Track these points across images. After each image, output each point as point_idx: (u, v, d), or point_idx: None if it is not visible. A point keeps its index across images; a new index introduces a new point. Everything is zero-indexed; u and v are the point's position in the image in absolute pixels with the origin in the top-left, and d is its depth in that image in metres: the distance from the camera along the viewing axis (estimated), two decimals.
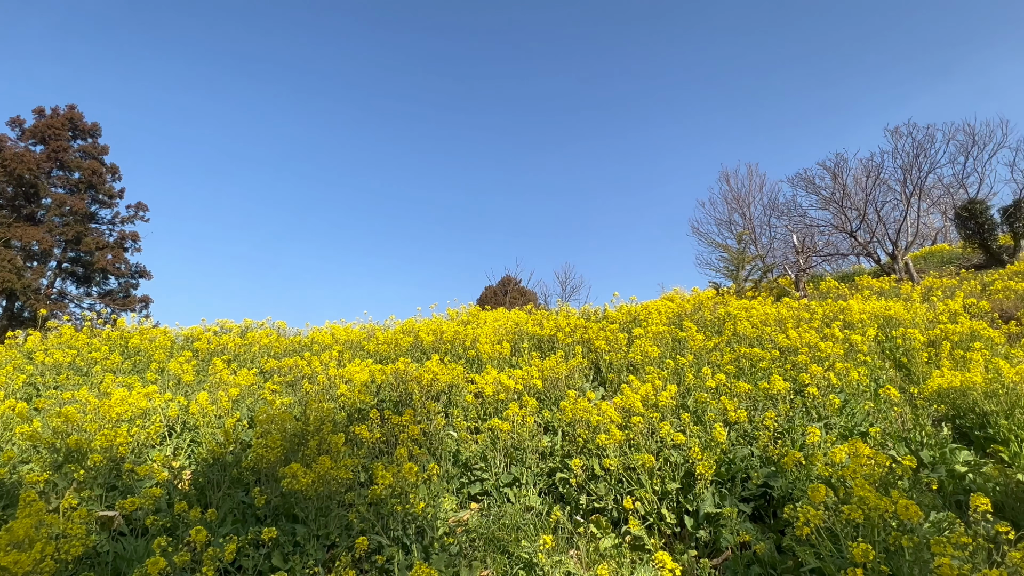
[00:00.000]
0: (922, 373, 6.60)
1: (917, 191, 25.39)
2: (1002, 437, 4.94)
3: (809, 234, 26.54)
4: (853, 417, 5.29)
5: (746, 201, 31.24)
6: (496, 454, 5.06)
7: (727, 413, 4.95)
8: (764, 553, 3.61)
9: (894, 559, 2.96)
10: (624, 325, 8.71)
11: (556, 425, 5.57)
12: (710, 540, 3.95)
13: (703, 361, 6.81)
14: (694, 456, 4.22)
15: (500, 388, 6.01)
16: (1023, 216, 21.76)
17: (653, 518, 4.16)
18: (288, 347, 8.77)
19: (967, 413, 5.38)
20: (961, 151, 25.38)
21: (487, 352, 7.44)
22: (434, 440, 5.44)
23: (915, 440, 4.89)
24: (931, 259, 26.65)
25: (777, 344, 7.14)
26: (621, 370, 6.87)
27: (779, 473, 4.27)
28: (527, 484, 4.81)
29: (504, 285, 36.56)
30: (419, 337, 8.26)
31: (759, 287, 16.44)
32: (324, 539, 3.90)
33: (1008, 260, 20.85)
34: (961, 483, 4.42)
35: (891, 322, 8.35)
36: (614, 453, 4.52)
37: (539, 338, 8.42)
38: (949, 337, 7.13)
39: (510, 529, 4.23)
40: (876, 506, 2.92)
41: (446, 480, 5.00)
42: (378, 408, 6.04)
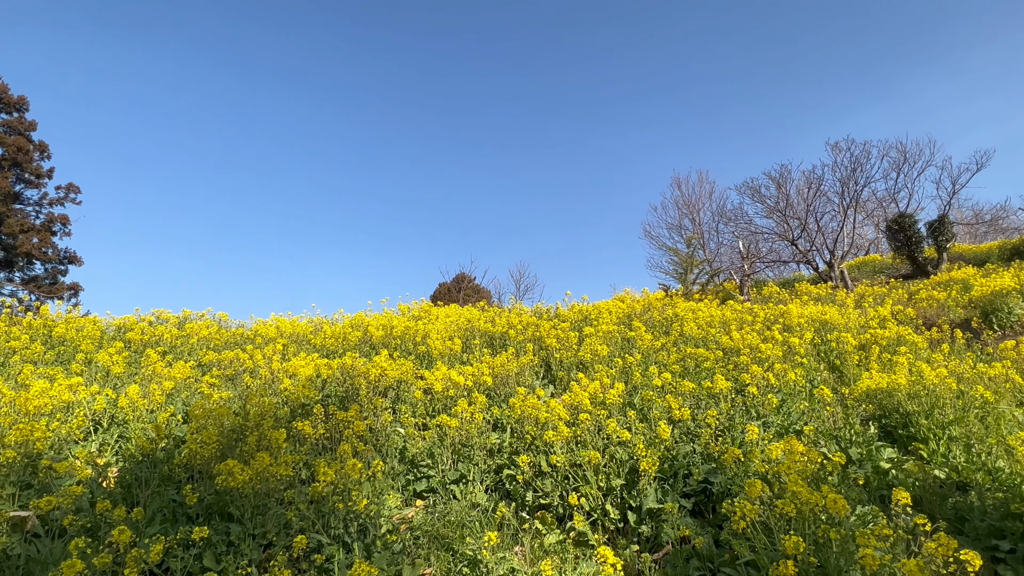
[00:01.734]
0: (853, 375, 6.96)
1: (853, 203, 26.78)
2: (922, 436, 5.25)
3: (754, 241, 27.59)
4: (789, 416, 5.52)
5: (696, 207, 32.15)
6: (443, 451, 5.01)
7: (672, 411, 5.06)
8: (703, 547, 3.70)
9: (823, 551, 3.10)
10: (575, 324, 8.80)
11: (505, 422, 5.57)
12: (652, 535, 4.03)
13: (651, 360, 6.95)
14: (639, 453, 4.30)
15: (450, 384, 5.96)
16: (946, 231, 23.31)
17: (597, 514, 4.21)
18: (229, 339, 8.42)
19: (892, 413, 5.70)
20: (893, 167, 26.91)
21: (438, 348, 7.36)
22: (381, 436, 5.33)
23: (845, 438, 5.14)
24: (864, 268, 28.19)
25: (721, 345, 7.37)
26: (571, 368, 6.93)
27: (719, 469, 4.41)
28: (474, 481, 4.79)
29: (458, 282, 36.36)
30: (368, 332, 8.08)
31: (706, 290, 16.96)
32: (261, 538, 3.76)
33: (932, 271, 22.30)
34: (885, 478, 4.67)
35: (827, 326, 8.77)
36: (561, 450, 4.55)
37: (491, 335, 8.40)
38: (878, 341, 7.54)
39: (455, 526, 4.19)
40: (807, 500, 3.05)
41: (391, 477, 4.91)
42: (323, 403, 5.87)
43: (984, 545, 3.84)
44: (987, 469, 4.57)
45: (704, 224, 31.50)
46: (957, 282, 17.83)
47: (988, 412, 5.53)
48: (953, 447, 4.94)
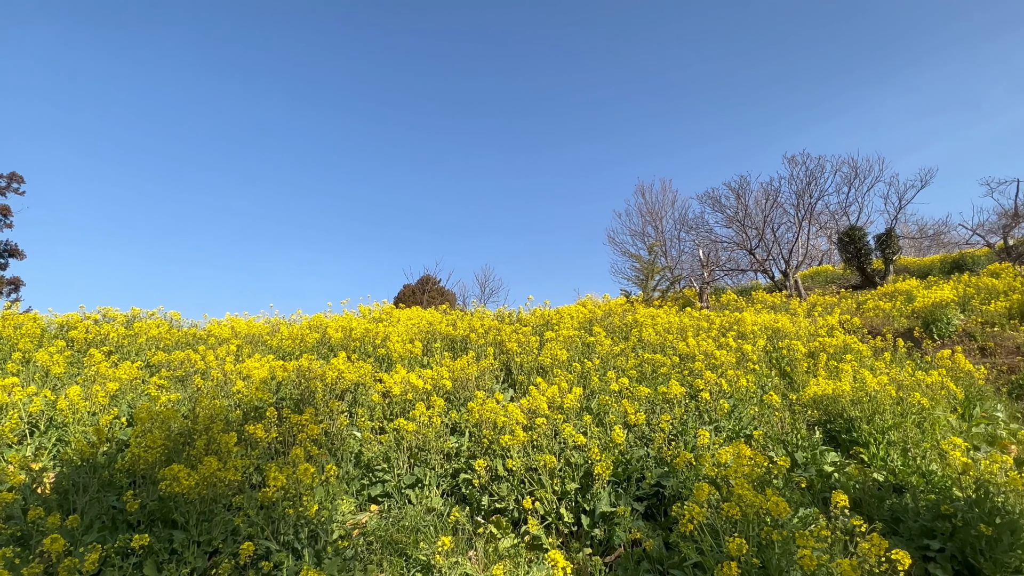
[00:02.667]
0: (802, 381, 7.21)
1: (808, 215, 27.80)
2: (864, 440, 5.48)
3: (714, 249, 28.33)
4: (740, 421, 5.68)
5: (659, 215, 32.82)
6: (400, 455, 4.97)
7: (627, 416, 5.15)
8: (653, 550, 3.78)
9: (765, 552, 3.20)
10: (537, 328, 8.86)
11: (463, 426, 5.56)
12: (605, 538, 4.09)
13: (609, 365, 7.05)
14: (593, 457, 4.36)
15: (409, 388, 5.91)
16: (893, 244, 24.41)
17: (552, 518, 4.24)
18: (181, 339, 8.14)
19: (837, 418, 5.93)
20: (845, 182, 28.09)
21: (398, 351, 7.29)
22: (336, 440, 5.25)
23: (792, 442, 5.33)
24: (817, 278, 29.25)
25: (678, 351, 7.53)
26: (531, 372, 6.97)
27: (671, 473, 4.50)
28: (430, 485, 4.76)
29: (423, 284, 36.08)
30: (327, 334, 7.94)
31: (666, 297, 17.31)
32: (206, 545, 3.65)
33: (879, 282, 23.31)
34: (828, 481, 4.86)
35: (779, 334, 9.07)
36: (518, 454, 4.57)
37: (452, 338, 8.38)
38: (826, 349, 7.84)
39: (409, 531, 4.16)
40: (752, 503, 3.15)
41: (346, 482, 4.84)
42: (277, 406, 5.75)
43: (917, 545, 4.02)
44: (921, 472, 4.81)
45: (666, 232, 32.19)
46: (901, 293, 18.70)
47: (925, 418, 5.81)
48: (891, 451, 5.17)
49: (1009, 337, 13.57)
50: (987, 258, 23.74)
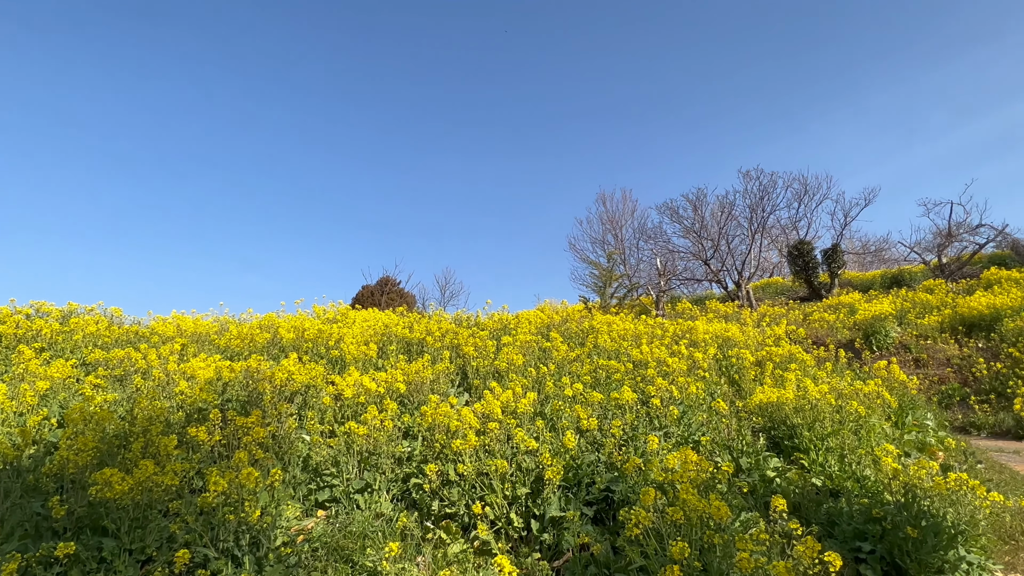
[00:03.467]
0: (749, 389, 7.45)
1: (760, 229, 28.80)
2: (804, 447, 5.70)
3: (671, 259, 29.03)
4: (689, 427, 5.82)
5: (619, 223, 33.42)
6: (350, 459, 4.87)
7: (580, 421, 5.20)
8: (600, 554, 3.82)
9: (707, 555, 3.29)
10: (494, 333, 8.86)
11: (416, 430, 5.50)
12: (553, 543, 4.11)
13: (564, 371, 7.11)
14: (545, 462, 4.38)
15: (361, 391, 5.81)
16: (838, 258, 25.53)
17: (502, 523, 4.24)
18: (121, 337, 7.77)
19: (780, 425, 6.14)
20: (796, 198, 29.28)
21: (352, 353, 7.16)
22: (284, 444, 5.10)
23: (737, 448, 5.49)
24: (768, 289, 30.31)
25: (632, 358, 7.67)
26: (487, 377, 6.96)
27: (621, 478, 4.57)
28: (380, 490, 4.69)
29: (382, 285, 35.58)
30: (279, 334, 7.73)
31: (623, 304, 17.60)
32: (139, 554, 3.48)
33: (825, 295, 24.33)
34: (770, 486, 5.02)
35: (729, 343, 9.35)
36: (469, 459, 4.55)
37: (409, 341, 8.28)
38: (772, 358, 8.13)
39: (357, 537, 4.08)
40: (695, 508, 3.23)
41: (292, 486, 4.71)
42: (222, 408, 5.56)
43: (850, 547, 4.20)
44: (856, 477, 5.03)
45: (626, 240, 32.81)
46: (845, 306, 19.57)
47: (861, 425, 6.09)
48: (829, 457, 5.40)
49: (940, 349, 14.38)
50: (923, 274, 25.10)
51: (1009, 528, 4.80)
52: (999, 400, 11.57)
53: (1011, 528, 4.81)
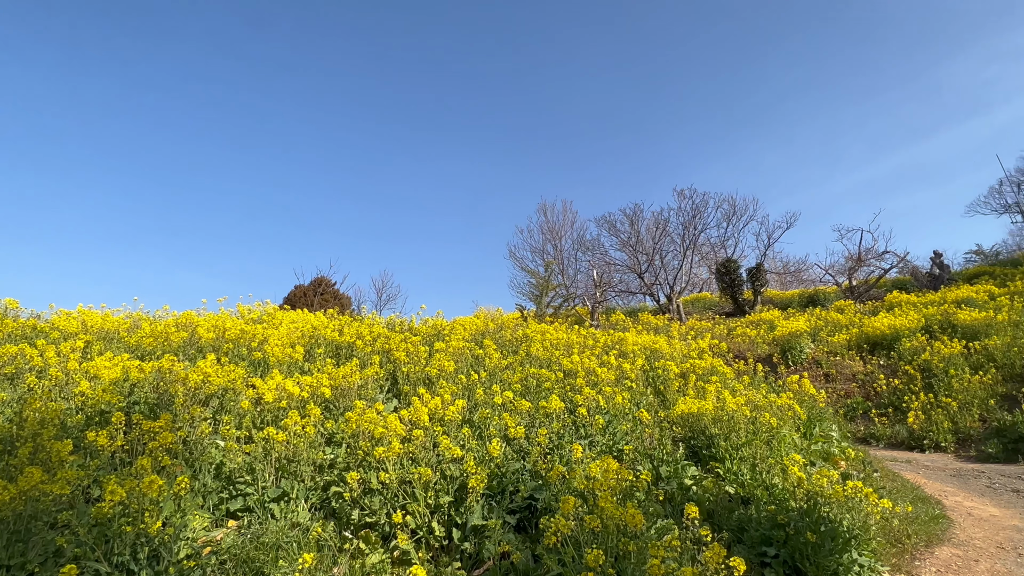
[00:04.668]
0: (673, 400, 7.72)
1: (692, 245, 30.07)
2: (720, 456, 5.96)
3: (608, 271, 29.76)
4: (614, 436, 5.96)
5: (559, 234, 33.98)
6: (267, 466, 4.66)
7: (508, 429, 5.22)
8: (520, 562, 3.83)
9: (622, 562, 3.37)
10: (427, 338, 8.76)
11: (340, 437, 5.34)
12: (475, 552, 4.09)
13: (496, 379, 7.12)
14: (469, 470, 4.36)
15: (284, 395, 5.59)
16: (761, 277, 27.00)
17: (423, 532, 4.18)
18: (15, 332, 7.11)
19: (699, 435, 6.40)
20: (725, 218, 30.81)
21: (276, 355, 6.87)
22: (195, 450, 4.82)
23: (658, 457, 5.67)
24: (697, 304, 31.62)
25: (563, 367, 7.78)
26: (417, 383, 6.86)
27: (545, 486, 4.61)
28: (297, 499, 4.51)
29: (316, 286, 34.46)
30: (197, 333, 7.31)
31: (558, 313, 17.86)
32: (18, 570, 3.18)
33: (749, 311, 25.64)
34: (687, 494, 5.21)
35: (656, 354, 9.67)
36: (393, 467, 4.46)
37: (338, 345, 8.05)
38: (695, 370, 8.47)
39: (269, 548, 3.90)
40: (612, 515, 3.30)
41: (202, 495, 4.45)
42: (127, 411, 5.19)
43: (757, 552, 4.41)
44: (765, 485, 5.30)
45: (565, 251, 33.39)
46: (765, 322, 20.70)
47: (773, 436, 6.44)
48: (742, 466, 5.67)
49: (847, 366, 15.47)
50: (836, 295, 26.95)
51: (897, 532, 5.20)
52: (896, 413, 12.56)
53: (898, 532, 5.22)
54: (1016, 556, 4.91)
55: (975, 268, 28.84)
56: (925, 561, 4.84)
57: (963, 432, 10.88)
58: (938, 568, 4.69)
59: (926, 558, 4.90)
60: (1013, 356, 12.37)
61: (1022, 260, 27.74)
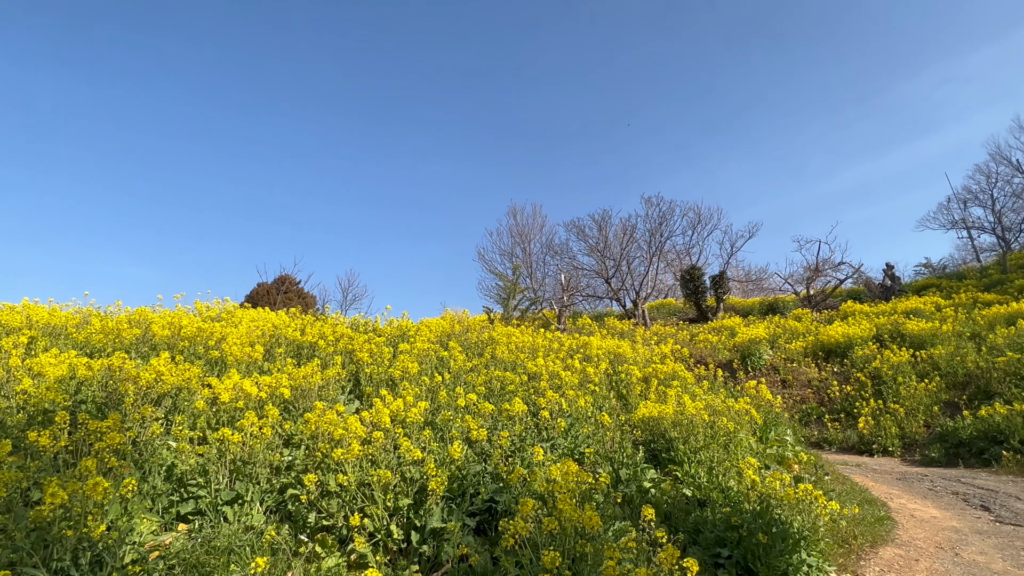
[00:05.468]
0: (635, 403, 7.83)
1: (658, 252, 30.56)
2: (679, 459, 6.07)
3: (575, 275, 30.01)
4: (576, 439, 6.01)
5: (528, 237, 34.11)
6: (221, 468, 4.53)
7: (471, 432, 5.20)
8: (478, 564, 3.83)
9: (579, 564, 3.39)
10: (392, 339, 8.66)
11: (299, 438, 5.23)
12: (433, 554, 4.06)
13: (460, 381, 7.10)
14: (430, 472, 4.33)
15: (241, 395, 5.45)
16: (724, 285, 27.63)
17: (381, 535, 4.13)
18: None
19: (659, 438, 6.51)
20: (690, 226, 31.46)
21: (235, 354, 6.69)
22: (145, 451, 4.66)
23: (618, 460, 5.74)
24: (662, 309, 32.16)
25: (527, 370, 7.81)
26: (380, 384, 6.78)
27: (505, 489, 4.62)
28: (252, 501, 4.40)
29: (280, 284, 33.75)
30: (151, 330, 7.06)
31: (525, 316, 17.92)
32: None
33: (711, 318, 26.20)
34: (646, 496, 5.29)
35: (620, 358, 9.79)
36: (352, 469, 4.40)
37: (300, 345, 7.89)
38: (657, 375, 8.61)
39: (221, 552, 3.80)
40: (570, 518, 3.33)
41: (151, 498, 4.30)
42: (73, 410, 4.98)
43: (711, 553, 4.51)
44: (721, 488, 5.42)
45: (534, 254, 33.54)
46: (727, 329, 21.19)
47: (731, 440, 6.60)
48: (700, 469, 5.79)
49: (803, 372, 15.96)
50: (794, 304, 27.80)
51: (844, 533, 5.40)
52: (847, 419, 13.02)
53: (846, 533, 5.41)
54: (953, 555, 5.15)
55: (924, 280, 30.20)
56: (870, 561, 5.03)
57: (909, 437, 11.36)
58: (881, 568, 4.88)
59: (871, 558, 5.10)
60: (956, 365, 12.98)
61: (967, 274, 29.18)
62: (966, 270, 30.98)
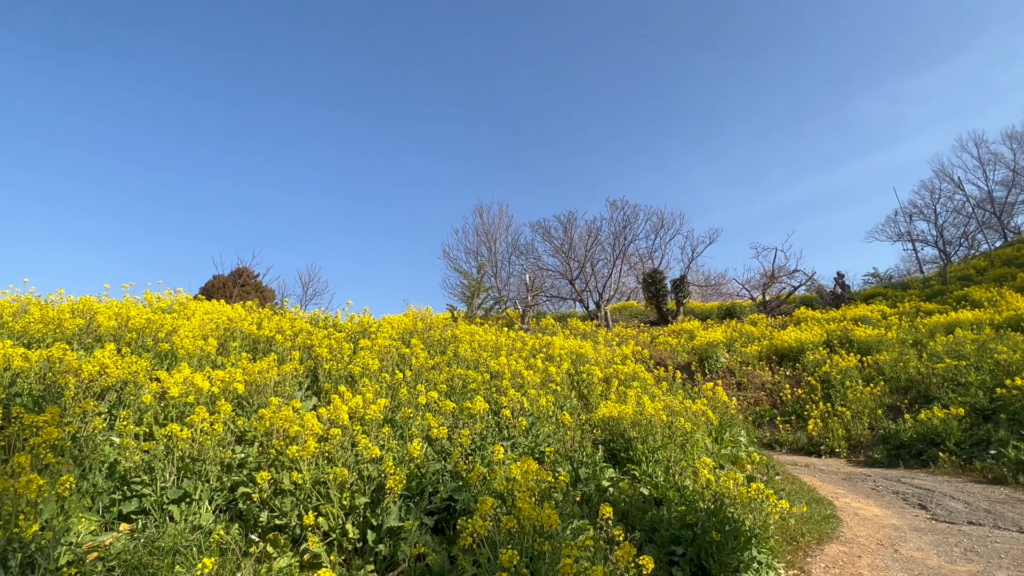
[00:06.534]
0: (596, 403, 7.90)
1: (622, 255, 30.98)
2: (638, 459, 6.15)
3: (540, 276, 30.15)
4: (537, 438, 6.02)
5: (494, 236, 34.08)
6: (168, 465, 4.35)
7: (431, 429, 5.14)
8: (436, 563, 3.79)
9: (537, 562, 3.39)
10: (352, 335, 8.51)
11: (252, 435, 5.08)
12: (389, 554, 4.00)
13: (422, 378, 7.02)
14: (388, 470, 4.26)
15: (192, 389, 5.25)
16: (685, 289, 28.21)
17: (336, 534, 4.04)
18: None
19: (619, 438, 6.58)
20: (653, 230, 32.03)
21: (187, 348, 6.44)
22: (86, 447, 4.43)
23: (578, 459, 5.78)
24: (624, 312, 32.62)
25: (490, 369, 7.78)
26: (339, 381, 6.65)
27: (465, 487, 4.58)
28: (201, 500, 4.24)
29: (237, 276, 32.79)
30: (96, 320, 6.73)
31: (489, 315, 17.89)
32: None
33: (672, 320, 26.73)
34: (604, 495, 5.34)
35: (582, 359, 9.88)
36: (308, 466, 4.29)
37: (256, 339, 7.67)
38: (618, 376, 8.71)
39: (166, 553, 3.64)
40: (529, 516, 3.32)
41: (91, 496, 4.09)
42: (7, 404, 4.70)
43: (667, 551, 4.58)
44: (677, 487, 5.52)
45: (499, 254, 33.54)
46: (686, 332, 21.65)
47: (688, 440, 6.73)
48: (657, 468, 5.88)
49: (758, 375, 16.43)
50: (751, 309, 28.64)
51: (793, 531, 5.57)
52: (798, 421, 13.48)
53: (794, 531, 5.59)
54: (892, 552, 5.38)
55: (871, 289, 31.58)
56: (816, 557, 5.20)
57: (855, 439, 11.84)
58: (826, 564, 5.06)
59: (817, 555, 5.28)
60: (899, 370, 13.60)
61: (911, 284, 30.65)
62: (910, 280, 32.57)
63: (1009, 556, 5.10)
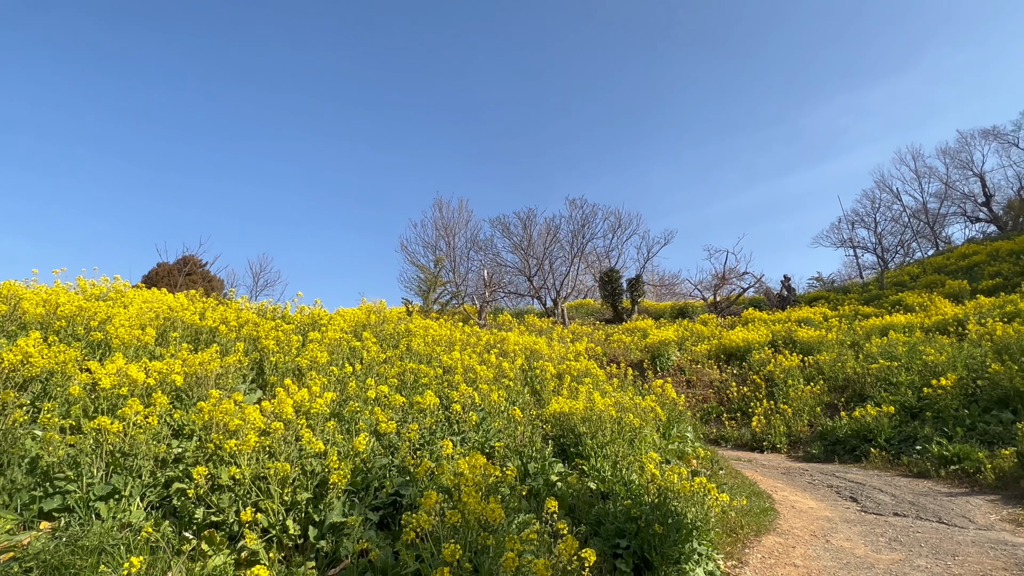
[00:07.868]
0: (548, 399, 7.96)
1: (579, 253, 31.33)
2: (587, 453, 6.23)
3: (499, 272, 30.19)
4: (487, 433, 6.01)
5: (453, 231, 33.83)
6: (96, 460, 4.13)
7: (379, 424, 5.06)
8: (379, 559, 3.73)
9: (481, 556, 3.39)
10: (302, 327, 8.29)
11: (190, 429, 4.87)
12: (331, 550, 3.91)
13: (372, 372, 6.90)
14: (332, 465, 4.17)
15: (126, 381, 4.99)
16: (640, 288, 28.76)
17: (276, 530, 3.92)
18: None
19: (569, 433, 6.65)
20: (611, 229, 32.52)
21: (122, 337, 6.13)
22: (5, 441, 4.16)
23: (527, 454, 5.80)
24: (581, 310, 33.00)
25: (443, 363, 7.73)
26: (286, 374, 6.46)
27: (412, 482, 4.53)
28: (132, 497, 4.04)
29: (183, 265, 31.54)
30: (21, 307, 6.32)
31: (445, 310, 17.78)
32: None
33: (627, 319, 27.21)
34: (552, 490, 5.38)
35: (536, 355, 9.93)
36: (247, 461, 4.15)
37: (198, 329, 7.36)
38: (571, 372, 8.80)
39: (90, 552, 3.46)
40: (473, 510, 3.31)
41: (8, 493, 3.85)
42: None
43: (611, 544, 4.65)
44: (624, 481, 5.62)
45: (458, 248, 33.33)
46: (640, 330, 22.08)
47: (636, 435, 6.86)
48: (605, 463, 5.96)
49: (707, 373, 16.91)
50: (702, 309, 29.45)
51: (733, 523, 5.76)
52: (743, 418, 13.95)
53: (734, 523, 5.78)
54: (824, 542, 5.63)
55: (815, 292, 33.00)
56: (754, 548, 5.40)
57: (795, 435, 12.35)
58: (763, 554, 5.25)
59: (755, 545, 5.47)
60: (837, 370, 14.26)
61: (851, 288, 32.19)
62: (850, 285, 34.22)
63: (928, 545, 5.42)
